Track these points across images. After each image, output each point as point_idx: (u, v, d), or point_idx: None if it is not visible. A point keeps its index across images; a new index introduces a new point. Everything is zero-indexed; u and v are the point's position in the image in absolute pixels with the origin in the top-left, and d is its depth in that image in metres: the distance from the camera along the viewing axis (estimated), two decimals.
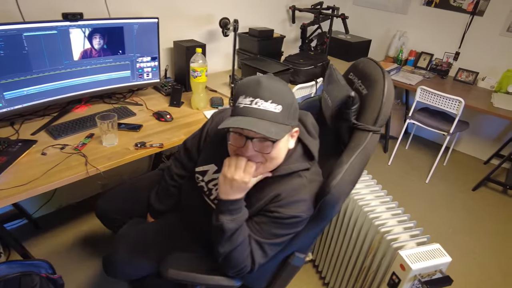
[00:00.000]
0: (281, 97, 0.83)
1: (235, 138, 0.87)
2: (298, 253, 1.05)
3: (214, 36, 2.34)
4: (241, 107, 0.82)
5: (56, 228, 1.94)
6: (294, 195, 0.91)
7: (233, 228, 0.88)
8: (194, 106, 1.84)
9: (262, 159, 0.86)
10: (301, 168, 0.94)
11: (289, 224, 0.92)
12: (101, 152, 1.39)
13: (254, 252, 0.92)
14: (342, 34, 3.12)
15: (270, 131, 0.79)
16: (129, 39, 1.64)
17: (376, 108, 0.95)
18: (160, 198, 1.28)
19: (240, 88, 0.86)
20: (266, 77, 0.84)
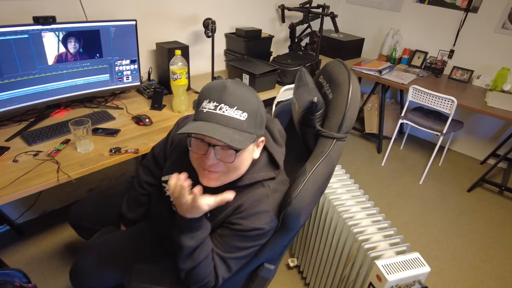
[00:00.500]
0: (247, 104, 0.78)
1: (196, 144, 0.82)
2: (267, 264, 1.01)
3: (200, 38, 2.31)
4: (204, 112, 0.78)
5: (39, 235, 1.92)
6: (256, 206, 0.87)
7: (192, 246, 0.84)
8: (175, 109, 1.81)
9: (224, 168, 0.82)
10: (266, 177, 0.89)
11: (252, 236, 0.87)
12: (75, 159, 1.37)
13: (217, 267, 0.89)
14: (334, 33, 3.07)
15: (234, 140, 0.74)
16: (106, 42, 1.61)
17: (340, 114, 0.90)
18: (130, 207, 1.25)
19: (204, 91, 0.81)
20: (232, 81, 0.80)
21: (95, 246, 1.14)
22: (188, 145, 0.86)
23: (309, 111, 0.93)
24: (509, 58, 2.63)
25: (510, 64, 2.61)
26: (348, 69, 0.97)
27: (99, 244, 1.16)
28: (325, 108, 0.93)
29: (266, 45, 2.53)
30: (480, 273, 1.94)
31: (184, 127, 0.78)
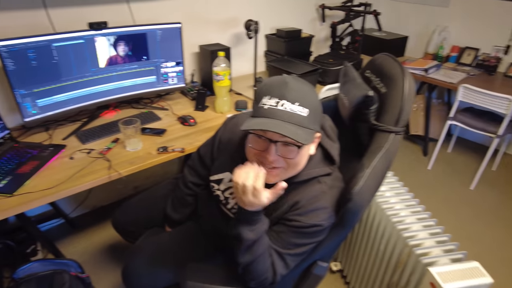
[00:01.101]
0: (308, 100, 0.77)
1: (256, 140, 0.82)
2: (320, 261, 1.00)
3: (240, 39, 2.33)
4: (265, 108, 0.77)
5: (90, 229, 2.03)
6: (314, 202, 0.86)
7: (252, 239, 0.84)
8: (218, 110, 1.83)
9: (283, 165, 0.82)
10: (321, 173, 0.89)
11: (310, 233, 0.87)
12: (125, 157, 1.43)
13: (275, 263, 0.89)
14: (376, 32, 2.97)
15: (298, 135, 0.74)
16: (152, 45, 1.67)
17: (396, 108, 0.88)
18: (175, 208, 1.27)
19: (263, 88, 0.81)
20: (292, 77, 0.79)
21: (144, 248, 1.17)
22: (247, 141, 0.86)
23: (363, 105, 0.91)
24: None
25: None
26: (399, 62, 0.95)
27: (147, 246, 1.19)
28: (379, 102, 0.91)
29: (306, 45, 2.50)
30: None
31: (245, 123, 0.78)
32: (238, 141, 1.04)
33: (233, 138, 1.05)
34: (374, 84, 1.00)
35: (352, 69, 1.12)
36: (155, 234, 1.29)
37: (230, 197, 1.05)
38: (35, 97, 1.44)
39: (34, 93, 1.43)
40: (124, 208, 1.38)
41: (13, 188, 1.21)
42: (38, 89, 1.43)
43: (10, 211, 1.15)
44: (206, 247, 1.17)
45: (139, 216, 1.34)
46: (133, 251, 1.17)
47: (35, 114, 1.47)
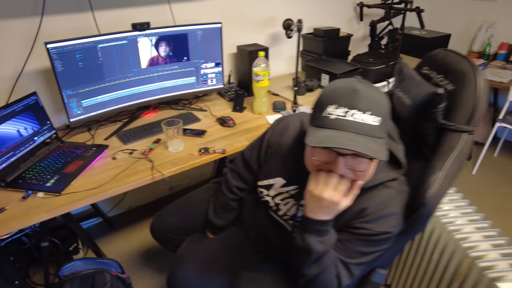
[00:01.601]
0: (379, 108, 0.71)
1: (321, 153, 0.76)
2: (379, 269, 0.95)
3: (277, 39, 2.29)
4: (332, 118, 0.71)
5: (127, 229, 2.05)
6: (383, 208, 0.81)
7: (321, 251, 0.79)
8: (256, 111, 1.80)
9: (352, 176, 0.76)
10: (388, 178, 0.83)
11: (378, 241, 0.82)
12: (167, 157, 1.42)
13: (340, 274, 0.84)
14: (415, 30, 2.84)
15: (375, 150, 0.68)
16: (193, 46, 1.66)
17: (469, 105, 0.82)
18: (218, 213, 1.24)
19: (328, 95, 0.74)
20: (360, 83, 0.73)
21: (192, 256, 1.14)
22: (308, 152, 0.81)
23: (430, 104, 0.85)
24: None
25: None
26: (467, 58, 0.88)
27: (195, 253, 1.16)
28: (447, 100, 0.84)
29: (344, 44, 2.43)
30: None
31: (311, 138, 0.72)
32: (289, 145, 0.99)
33: (284, 142, 1.00)
34: (436, 81, 0.93)
35: (407, 66, 1.05)
36: (197, 240, 1.25)
37: (282, 203, 1.00)
38: (80, 97, 1.46)
39: (79, 94, 1.45)
40: (162, 215, 1.35)
41: (60, 188, 1.22)
42: (83, 89, 1.45)
43: (58, 210, 1.16)
44: (254, 254, 1.13)
45: (179, 222, 1.31)
46: (180, 259, 1.14)
47: (79, 114, 1.49)
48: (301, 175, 0.93)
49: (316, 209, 0.78)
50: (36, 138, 1.39)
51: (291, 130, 1.00)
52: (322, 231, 0.79)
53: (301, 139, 0.95)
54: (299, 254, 0.83)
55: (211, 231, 1.28)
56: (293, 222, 0.99)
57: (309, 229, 0.79)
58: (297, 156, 0.95)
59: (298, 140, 0.97)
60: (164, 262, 1.83)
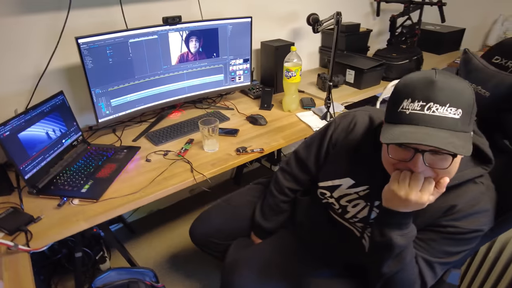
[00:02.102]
0: (461, 99, 0.65)
1: (396, 150, 0.71)
2: (454, 269, 0.90)
3: (298, 35, 2.23)
4: (408, 113, 0.66)
5: (149, 234, 1.96)
6: (474, 205, 0.76)
7: (403, 245, 0.74)
8: (285, 109, 1.74)
9: (432, 175, 0.70)
10: (476, 174, 0.77)
11: (467, 239, 0.77)
12: (203, 158, 1.34)
13: (424, 273, 0.79)
14: (429, 25, 2.82)
15: (457, 145, 0.62)
16: (223, 41, 1.59)
17: None
18: (267, 216, 1.17)
19: (403, 89, 0.69)
20: (439, 73, 0.67)
21: (247, 262, 1.07)
22: (384, 150, 0.76)
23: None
24: None
25: None
26: None
27: (250, 259, 1.09)
28: None
29: (364, 40, 2.38)
30: None
31: (386, 134, 0.68)
32: (359, 142, 0.93)
33: (353, 139, 0.94)
34: None
35: (474, 56, 1.00)
36: (245, 245, 1.19)
37: (349, 206, 0.94)
38: (109, 96, 1.37)
39: (108, 92, 1.36)
40: (204, 218, 1.27)
41: (97, 194, 1.14)
42: (112, 88, 1.37)
43: (97, 218, 1.08)
44: (309, 258, 1.07)
45: (222, 226, 1.24)
46: (235, 266, 1.06)
47: (108, 114, 1.40)
48: (372, 174, 0.87)
49: (398, 206, 0.73)
50: (64, 141, 1.29)
51: (360, 126, 0.93)
52: (403, 224, 0.74)
53: (372, 135, 0.90)
54: (377, 251, 0.79)
55: (258, 234, 1.22)
56: (363, 224, 0.93)
57: (389, 223, 0.75)
58: (368, 154, 0.89)
59: (368, 136, 0.91)
60: (194, 266, 1.75)
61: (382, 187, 0.77)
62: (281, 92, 1.87)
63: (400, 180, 0.71)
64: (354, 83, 2.02)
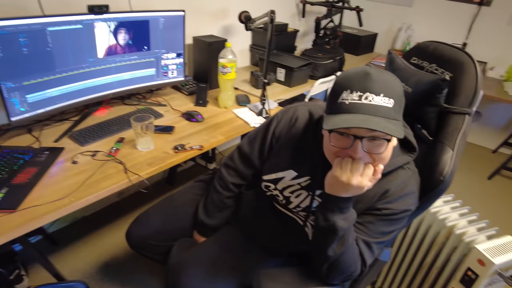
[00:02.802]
0: (392, 90, 0.73)
1: (338, 138, 0.76)
2: (386, 247, 0.99)
3: (228, 32, 2.24)
4: (347, 103, 0.72)
5: (75, 244, 1.78)
6: (403, 188, 0.85)
7: (345, 228, 0.80)
8: (221, 105, 1.73)
9: (370, 160, 0.77)
10: (405, 161, 0.87)
11: (399, 219, 0.86)
12: (138, 158, 1.27)
13: (363, 253, 0.86)
14: (348, 28, 3.08)
15: (391, 129, 0.69)
16: (154, 34, 1.51)
17: (470, 90, 0.91)
18: (210, 213, 1.15)
19: (342, 82, 0.75)
20: (373, 68, 0.75)
21: (194, 262, 1.04)
22: (326, 139, 0.81)
23: (436, 89, 0.92)
24: None
25: None
26: (461, 49, 0.98)
27: (196, 259, 1.06)
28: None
29: (291, 39, 2.49)
30: None
31: (328, 122, 0.73)
32: (300, 135, 0.97)
33: (295, 133, 0.98)
34: (430, 69, 1.01)
35: (397, 57, 1.12)
36: (188, 245, 1.15)
37: (292, 196, 0.98)
38: (25, 91, 1.21)
39: (23, 87, 1.20)
40: (142, 220, 1.20)
41: (15, 202, 1.00)
42: (28, 81, 1.20)
43: (17, 230, 0.94)
44: (256, 251, 1.09)
45: (163, 226, 1.18)
46: (180, 267, 1.02)
47: (23, 112, 1.23)
48: (313, 165, 0.92)
49: (339, 191, 0.79)
50: None
51: (301, 121, 0.98)
52: (344, 208, 0.80)
53: (312, 129, 0.95)
54: (322, 236, 0.83)
55: (202, 233, 1.19)
56: (306, 213, 0.97)
57: (332, 208, 0.81)
58: (309, 146, 0.94)
59: (309, 130, 0.96)
60: (130, 273, 1.64)
61: (323, 178, 0.82)
62: (216, 89, 1.85)
63: (342, 166, 0.76)
64: (284, 81, 2.10)
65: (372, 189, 0.85)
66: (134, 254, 1.64)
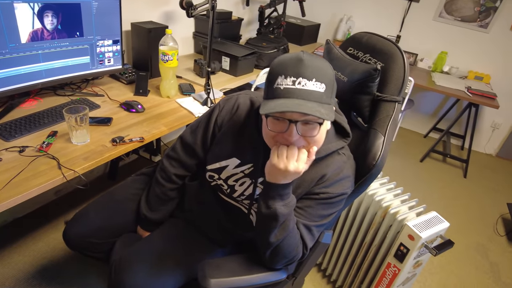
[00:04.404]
0: (324, 75, 0.76)
1: (274, 123, 0.78)
2: (326, 230, 1.04)
3: (170, 19, 2.15)
4: (282, 88, 0.74)
5: (5, 249, 1.62)
6: (339, 173, 0.89)
7: (286, 213, 0.83)
8: (164, 94, 1.67)
9: (304, 143, 0.80)
10: (339, 146, 0.91)
11: (336, 202, 0.90)
12: (73, 152, 1.18)
13: (304, 237, 0.89)
14: (292, 18, 3.13)
15: (321, 112, 0.72)
16: (87, 19, 1.40)
17: (399, 79, 0.97)
18: (153, 207, 1.11)
19: (276, 68, 0.77)
20: (306, 54, 0.77)
21: (138, 258, 1.00)
22: (264, 125, 0.82)
23: (369, 79, 0.97)
24: (446, 43, 3.00)
25: (447, 48, 2.98)
26: (391, 40, 1.03)
27: (140, 254, 1.01)
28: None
29: (236, 28, 2.47)
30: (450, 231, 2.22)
31: (263, 107, 0.74)
32: (242, 123, 0.97)
33: (236, 121, 0.97)
34: (364, 59, 1.06)
35: (334, 47, 1.16)
36: (132, 241, 1.11)
37: (237, 184, 0.98)
38: None
39: None
40: (81, 218, 1.12)
41: None
42: None
43: None
44: (202, 242, 1.08)
45: (104, 223, 1.12)
46: (124, 264, 0.98)
47: None
48: (256, 152, 0.93)
49: (278, 178, 0.81)
50: None
51: (243, 108, 0.98)
52: (284, 194, 0.83)
53: (253, 116, 0.95)
54: (264, 223, 0.85)
55: (145, 227, 1.15)
56: (249, 201, 0.98)
57: (273, 195, 0.82)
58: (251, 134, 0.94)
59: (250, 117, 0.96)
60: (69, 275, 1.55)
61: (265, 164, 0.83)
62: (158, 77, 1.79)
63: (278, 154, 0.79)
64: (230, 70, 2.08)
65: (310, 174, 0.88)
66: (76, 255, 1.55)
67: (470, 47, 2.97)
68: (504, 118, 3.11)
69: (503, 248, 2.20)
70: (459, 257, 2.06)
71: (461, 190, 2.69)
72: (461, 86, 2.69)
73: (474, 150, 3.27)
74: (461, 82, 2.81)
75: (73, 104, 1.39)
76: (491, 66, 2.96)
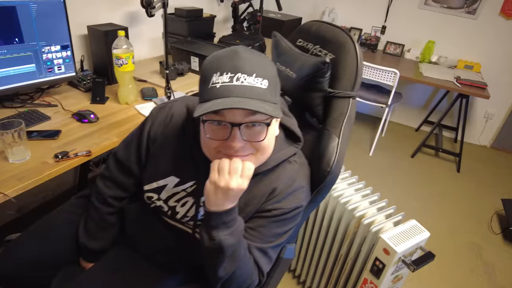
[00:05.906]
0: (265, 70, 0.65)
1: (214, 129, 0.67)
2: (288, 244, 0.93)
3: (135, 19, 2.03)
4: (218, 87, 0.63)
5: None
6: (291, 184, 0.78)
7: (234, 243, 0.70)
8: (122, 101, 1.55)
9: (252, 150, 0.69)
10: (290, 154, 0.80)
11: (292, 217, 0.79)
12: (9, 172, 1.07)
13: (259, 262, 0.78)
14: (271, 13, 3.00)
15: (268, 110, 0.62)
16: (27, 23, 1.28)
17: (352, 73, 0.86)
18: (93, 234, 0.97)
19: (210, 64, 0.66)
20: (241, 47, 0.66)
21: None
22: (202, 133, 0.70)
23: (318, 73, 0.85)
24: (433, 32, 2.87)
25: (435, 37, 2.85)
26: (341, 28, 0.92)
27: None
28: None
29: (208, 25, 2.34)
30: (437, 229, 2.10)
31: (197, 110, 0.63)
32: (178, 135, 0.85)
33: (171, 134, 0.85)
34: (314, 52, 0.95)
35: (282, 40, 1.04)
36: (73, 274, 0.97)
37: (178, 205, 0.86)
38: None
39: None
40: (12, 251, 0.97)
41: None
42: None
43: None
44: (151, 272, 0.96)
45: (39, 256, 0.96)
46: None
47: None
48: (197, 168, 0.82)
49: (220, 201, 0.68)
50: None
51: (178, 118, 0.86)
52: (229, 221, 0.70)
53: (191, 126, 0.83)
54: (210, 256, 0.73)
55: (87, 258, 1.01)
56: (193, 222, 0.87)
57: (216, 224, 0.70)
58: (189, 147, 0.82)
59: (187, 127, 0.84)
60: None
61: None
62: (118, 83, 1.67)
63: (219, 169, 0.67)
64: (199, 71, 1.96)
65: (259, 188, 0.77)
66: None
67: (458, 35, 2.84)
68: (497, 108, 2.98)
69: (499, 247, 2.08)
70: (452, 258, 1.94)
71: (454, 186, 2.57)
72: (450, 77, 2.56)
73: (468, 142, 3.15)
74: (450, 72, 2.68)
75: (18, 117, 1.28)
76: (481, 54, 2.82)
